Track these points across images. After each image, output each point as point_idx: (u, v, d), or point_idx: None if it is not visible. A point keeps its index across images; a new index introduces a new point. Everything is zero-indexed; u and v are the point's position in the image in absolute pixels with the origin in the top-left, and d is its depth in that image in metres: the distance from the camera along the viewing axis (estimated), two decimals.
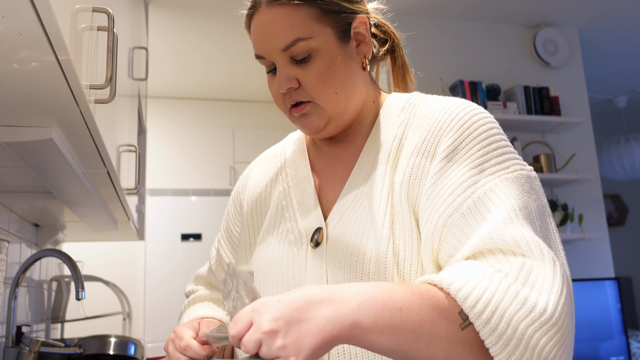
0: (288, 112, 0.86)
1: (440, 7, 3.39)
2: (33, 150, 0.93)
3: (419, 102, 0.86)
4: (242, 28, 0.89)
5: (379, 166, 0.82)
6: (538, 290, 0.62)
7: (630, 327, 5.38)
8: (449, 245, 0.71)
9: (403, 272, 0.74)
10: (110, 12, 0.88)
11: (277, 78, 0.82)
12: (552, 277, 0.64)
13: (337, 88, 0.81)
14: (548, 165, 3.31)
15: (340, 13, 0.82)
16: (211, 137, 4.41)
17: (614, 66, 4.32)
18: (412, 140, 0.81)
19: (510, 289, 0.62)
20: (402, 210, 0.77)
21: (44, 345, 1.57)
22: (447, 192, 0.73)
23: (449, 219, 0.71)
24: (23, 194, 1.45)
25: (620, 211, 6.10)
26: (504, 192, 0.71)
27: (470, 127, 0.77)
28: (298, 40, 0.79)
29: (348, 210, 0.82)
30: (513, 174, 0.73)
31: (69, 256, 1.57)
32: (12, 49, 0.62)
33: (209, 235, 4.11)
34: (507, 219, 0.68)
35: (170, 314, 3.88)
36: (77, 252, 2.35)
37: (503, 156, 0.75)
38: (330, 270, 0.79)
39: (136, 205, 2.41)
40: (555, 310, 0.61)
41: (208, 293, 1.01)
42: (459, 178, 0.73)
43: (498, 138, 0.77)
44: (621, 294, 3.05)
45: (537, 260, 0.65)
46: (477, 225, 0.69)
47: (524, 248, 0.66)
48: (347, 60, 0.83)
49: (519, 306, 0.61)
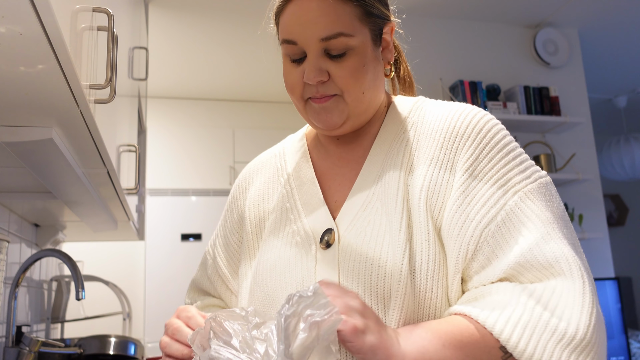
0: (303, 103, 0.84)
1: (440, 7, 3.39)
2: (33, 150, 0.93)
3: (426, 106, 0.88)
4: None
5: (391, 169, 0.82)
6: (568, 316, 0.67)
7: (630, 327, 5.38)
8: (483, 255, 0.74)
9: (420, 276, 0.75)
10: (110, 12, 0.88)
11: (308, 68, 0.80)
12: (581, 295, 0.68)
13: (365, 88, 0.82)
14: (548, 165, 3.31)
15: (379, 17, 0.84)
16: (211, 137, 4.41)
17: (614, 66, 4.32)
18: (427, 146, 0.82)
19: (543, 316, 0.67)
20: (419, 215, 0.77)
21: (44, 345, 1.57)
22: (480, 203, 0.76)
23: (485, 229, 0.74)
24: (23, 194, 1.45)
25: (620, 211, 6.10)
26: (531, 207, 0.75)
27: (486, 136, 0.80)
28: (340, 34, 0.79)
29: (360, 212, 0.81)
30: (536, 184, 0.77)
31: (69, 256, 1.57)
32: (12, 49, 0.62)
33: (209, 235, 4.11)
34: (540, 237, 0.72)
35: (170, 314, 3.87)
36: (77, 252, 2.35)
37: (522, 165, 0.79)
38: (343, 271, 0.78)
39: (136, 205, 2.41)
40: (586, 332, 0.66)
41: (198, 304, 0.99)
42: (487, 190, 0.77)
43: (514, 146, 0.81)
44: (621, 294, 3.05)
45: (566, 279, 0.69)
46: (513, 240, 0.73)
47: (556, 267, 0.70)
48: (377, 63, 0.84)
49: (545, 326, 0.66)
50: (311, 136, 0.96)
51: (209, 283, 0.99)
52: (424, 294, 0.74)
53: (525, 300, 0.68)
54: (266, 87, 4.50)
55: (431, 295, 0.74)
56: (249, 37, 3.55)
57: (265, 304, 0.83)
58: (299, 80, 0.82)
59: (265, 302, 0.83)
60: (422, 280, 0.74)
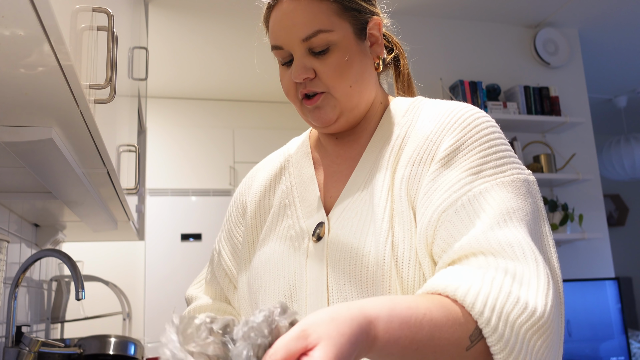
0: (299, 104, 0.87)
1: (440, 7, 3.39)
2: (33, 150, 0.93)
3: (423, 105, 0.89)
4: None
5: (381, 165, 0.84)
6: (525, 291, 0.63)
7: (630, 327, 5.38)
8: (441, 240, 0.73)
9: (402, 264, 0.75)
10: (110, 12, 0.88)
11: (294, 68, 0.84)
12: (536, 277, 0.65)
13: (352, 81, 0.84)
14: (548, 165, 3.31)
15: (359, 11, 0.86)
16: (211, 137, 4.41)
17: (614, 66, 4.31)
18: (414, 139, 0.83)
19: (503, 288, 0.63)
20: (401, 205, 0.79)
21: (43, 345, 1.57)
22: (444, 188, 0.75)
23: (443, 214, 0.74)
24: (23, 194, 1.45)
25: (620, 211, 6.10)
26: (498, 194, 0.73)
27: (473, 129, 0.79)
28: (319, 31, 0.82)
29: (349, 205, 0.83)
30: (509, 178, 0.75)
31: (69, 256, 1.57)
32: (12, 49, 0.62)
33: (209, 235, 4.11)
34: (495, 222, 0.70)
35: (170, 314, 3.88)
36: (77, 252, 2.35)
37: (502, 160, 0.77)
38: (330, 263, 0.80)
39: (136, 205, 2.41)
40: (544, 310, 0.63)
41: (209, 302, 1.00)
42: (456, 176, 0.76)
43: (499, 142, 0.79)
44: (621, 294, 3.05)
45: (519, 262, 0.66)
46: (470, 223, 0.71)
47: (508, 251, 0.67)
48: (363, 56, 0.86)
49: (513, 305, 0.62)
50: (314, 137, 0.99)
51: (214, 279, 1.01)
52: (406, 282, 0.75)
53: (481, 273, 0.64)
54: (266, 87, 4.50)
55: (414, 284, 0.75)
56: (249, 38, 3.54)
57: (260, 296, 0.86)
58: (291, 81, 0.86)
59: (260, 294, 0.86)
60: (405, 269, 0.75)
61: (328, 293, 0.79)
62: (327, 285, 0.80)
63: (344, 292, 0.78)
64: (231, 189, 4.32)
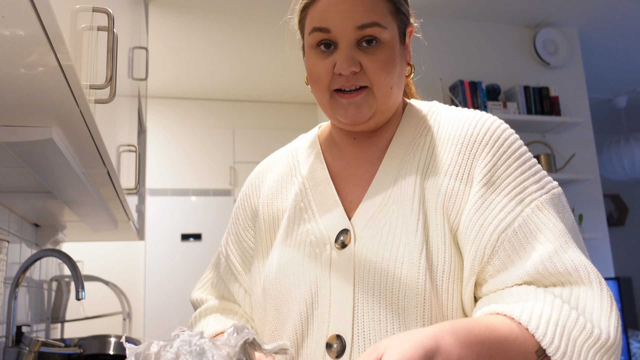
0: (328, 96, 0.84)
1: (440, 7, 3.39)
2: (33, 150, 0.93)
3: (441, 111, 0.89)
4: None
5: (407, 172, 0.83)
6: (597, 320, 0.69)
7: (630, 327, 5.38)
8: (498, 259, 0.75)
9: (435, 277, 0.75)
10: (110, 12, 0.88)
11: (341, 58, 0.80)
12: (602, 302, 0.71)
13: (394, 83, 0.83)
14: (548, 165, 3.31)
15: (405, 15, 0.87)
16: (211, 137, 4.41)
17: (614, 66, 4.32)
18: (443, 152, 0.83)
19: (572, 314, 0.69)
20: (436, 219, 0.79)
21: (44, 345, 1.57)
22: (497, 209, 0.77)
23: (502, 234, 0.76)
24: (23, 194, 1.45)
25: (620, 211, 6.10)
26: (547, 215, 0.77)
27: (503, 144, 0.82)
28: (376, 24, 0.80)
29: (376, 214, 0.82)
30: (549, 194, 0.79)
31: (69, 256, 1.57)
32: (12, 50, 0.62)
33: (209, 235, 4.11)
34: (562, 244, 0.75)
35: (170, 314, 3.88)
36: (77, 252, 2.35)
37: (537, 175, 0.81)
38: (358, 272, 0.79)
39: (136, 205, 2.41)
40: (615, 336, 0.69)
41: (217, 304, 0.98)
42: (504, 197, 0.78)
43: (529, 156, 0.83)
44: (621, 294, 3.05)
45: (587, 287, 0.72)
46: (529, 245, 0.75)
47: (574, 276, 0.73)
48: (402, 61, 0.86)
49: (580, 331, 0.68)
50: (324, 136, 0.96)
51: (221, 283, 0.99)
52: (441, 295, 0.75)
53: (551, 299, 0.70)
54: (266, 88, 4.50)
55: (447, 296, 0.75)
56: (250, 38, 3.55)
57: (279, 302, 0.84)
58: (327, 71, 0.82)
59: (279, 301, 0.84)
60: (439, 282, 0.75)
61: (354, 302, 0.78)
62: (354, 295, 0.78)
63: (370, 302, 0.77)
64: (231, 189, 4.32)
